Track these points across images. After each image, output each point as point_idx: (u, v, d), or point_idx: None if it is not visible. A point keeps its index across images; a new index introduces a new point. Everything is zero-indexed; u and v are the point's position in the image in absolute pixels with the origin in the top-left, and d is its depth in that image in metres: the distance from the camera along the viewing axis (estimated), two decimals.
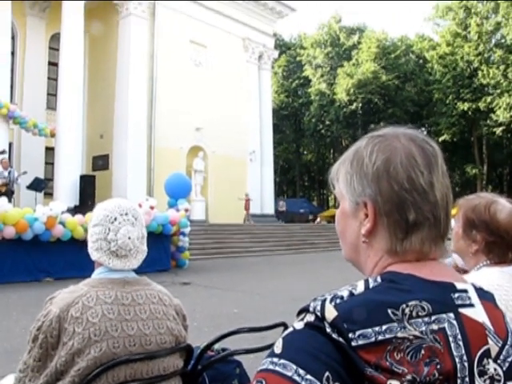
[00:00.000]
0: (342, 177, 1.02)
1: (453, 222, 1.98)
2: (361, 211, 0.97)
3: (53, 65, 25.00)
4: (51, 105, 24.65)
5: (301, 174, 62.78)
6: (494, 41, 46.52)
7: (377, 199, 0.94)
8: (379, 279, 0.89)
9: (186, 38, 26.55)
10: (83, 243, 2.04)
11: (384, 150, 0.95)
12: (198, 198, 25.57)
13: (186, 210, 15.74)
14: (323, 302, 0.84)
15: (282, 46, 56.33)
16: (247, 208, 28.10)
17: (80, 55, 22.01)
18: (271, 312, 7.98)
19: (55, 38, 24.72)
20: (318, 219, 42.36)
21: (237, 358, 2.47)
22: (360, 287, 0.87)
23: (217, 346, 2.42)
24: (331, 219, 42.16)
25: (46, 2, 24.67)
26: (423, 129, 52.96)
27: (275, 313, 7.56)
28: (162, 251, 14.52)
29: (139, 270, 2.05)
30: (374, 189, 0.94)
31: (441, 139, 46.38)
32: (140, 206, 13.65)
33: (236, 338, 2.49)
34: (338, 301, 0.84)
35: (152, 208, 13.91)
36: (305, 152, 62.03)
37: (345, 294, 0.86)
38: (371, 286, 0.88)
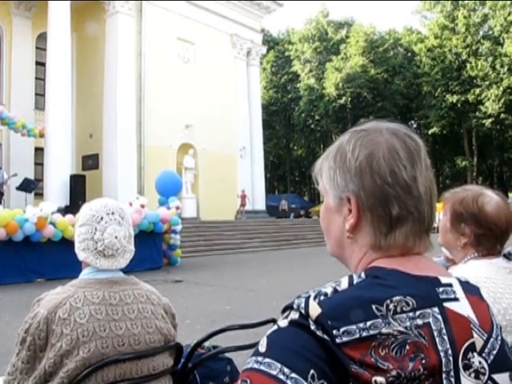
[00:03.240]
0: (325, 172, 1.01)
1: (440, 216, 1.98)
2: (344, 206, 0.96)
3: (40, 65, 24.87)
4: (39, 105, 24.51)
5: (291, 169, 62.80)
6: (481, 33, 46.75)
7: (360, 194, 0.93)
8: (363, 275, 0.88)
9: (173, 35, 26.47)
10: (74, 243, 2.02)
11: (367, 145, 0.94)
12: (189, 196, 25.51)
13: (177, 208, 15.71)
14: (307, 299, 0.84)
15: (270, 42, 56.33)
16: (243, 204, 28.24)
17: (67, 54, 21.88)
18: (264, 308, 7.98)
19: (42, 38, 24.56)
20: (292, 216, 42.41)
21: (228, 355, 2.46)
22: (344, 283, 0.87)
23: (208, 344, 2.41)
24: None
25: (31, 2, 24.48)
26: (413, 122, 53.20)
27: (268, 309, 7.57)
28: (154, 249, 14.53)
29: (131, 269, 2.04)
30: (357, 184, 0.93)
31: (430, 132, 46.64)
32: (131, 204, 13.64)
33: (228, 335, 2.49)
34: (322, 298, 0.83)
35: (143, 206, 13.88)
36: (295, 147, 62.11)
37: (329, 290, 0.85)
38: (355, 282, 0.87)
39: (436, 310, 0.85)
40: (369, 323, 0.80)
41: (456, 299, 0.89)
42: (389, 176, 0.91)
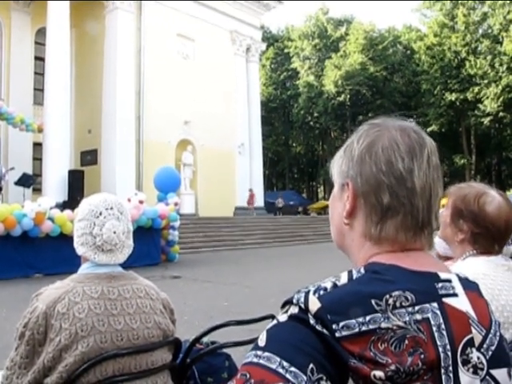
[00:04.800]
0: (336, 162, 1.04)
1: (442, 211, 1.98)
2: (345, 193, 0.98)
3: (39, 60, 24.84)
4: (38, 100, 24.50)
5: (290, 166, 62.73)
6: (480, 31, 46.72)
7: (357, 180, 0.95)
8: (362, 270, 0.89)
9: (173, 32, 26.46)
10: (72, 239, 2.02)
11: (371, 135, 0.97)
12: (188, 192, 25.54)
13: (176, 204, 15.72)
14: (307, 293, 0.84)
15: (270, 39, 56.26)
16: (251, 202, 28.39)
17: (66, 50, 21.88)
18: (261, 304, 7.98)
19: (41, 33, 24.55)
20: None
21: (226, 350, 2.47)
22: (343, 278, 0.87)
23: (206, 339, 2.42)
24: (321, 211, 42.24)
25: None
26: (411, 120, 53.05)
27: (265, 305, 7.56)
28: (152, 245, 14.52)
29: (129, 265, 2.04)
30: (356, 170, 0.96)
31: (429, 130, 46.56)
32: (129, 200, 13.63)
33: (226, 331, 2.49)
34: (322, 292, 0.84)
35: (141, 202, 13.88)
36: (294, 144, 62.08)
37: (328, 285, 0.86)
38: (355, 277, 0.87)
39: (435, 305, 0.85)
40: (368, 318, 0.80)
41: (455, 295, 0.89)
42: (384, 165, 0.92)
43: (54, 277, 2.60)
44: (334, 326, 0.79)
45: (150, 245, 14.30)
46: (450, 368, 0.82)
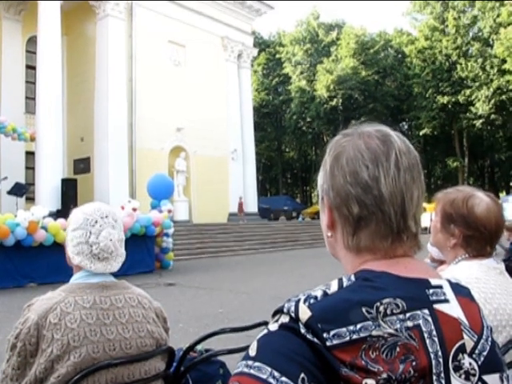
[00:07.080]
0: (318, 176, 1.04)
1: (432, 216, 1.99)
2: (324, 206, 0.99)
3: (30, 68, 24.83)
4: (30, 109, 24.44)
5: (283, 171, 62.84)
6: (471, 34, 46.99)
7: (329, 194, 0.96)
8: (353, 278, 0.88)
9: (164, 38, 26.46)
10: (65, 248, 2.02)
11: (339, 147, 0.97)
12: (181, 199, 25.52)
13: (169, 211, 15.70)
14: (297, 302, 0.84)
15: (261, 44, 56.31)
16: (241, 210, 28.41)
17: (58, 58, 21.82)
18: (257, 311, 7.97)
19: (32, 41, 24.51)
20: (300, 218, 42.19)
21: (221, 358, 2.45)
22: (334, 286, 0.87)
23: (200, 347, 2.40)
24: (315, 216, 42.25)
25: (21, 4, 24.40)
26: (404, 123, 53.34)
27: (261, 311, 7.55)
28: (146, 253, 14.49)
29: (123, 273, 2.04)
30: (328, 184, 0.97)
31: (422, 133, 46.85)
32: (123, 208, 13.60)
33: (220, 338, 2.49)
34: (312, 301, 0.83)
35: (135, 210, 13.86)
36: (287, 149, 62.22)
37: (319, 293, 0.85)
38: (345, 284, 0.87)
39: (426, 311, 0.85)
40: (359, 326, 0.80)
41: (446, 301, 0.89)
42: (350, 176, 0.93)
43: (48, 286, 2.59)
44: (324, 335, 0.79)
45: (143, 252, 14.27)
46: (442, 374, 0.82)
